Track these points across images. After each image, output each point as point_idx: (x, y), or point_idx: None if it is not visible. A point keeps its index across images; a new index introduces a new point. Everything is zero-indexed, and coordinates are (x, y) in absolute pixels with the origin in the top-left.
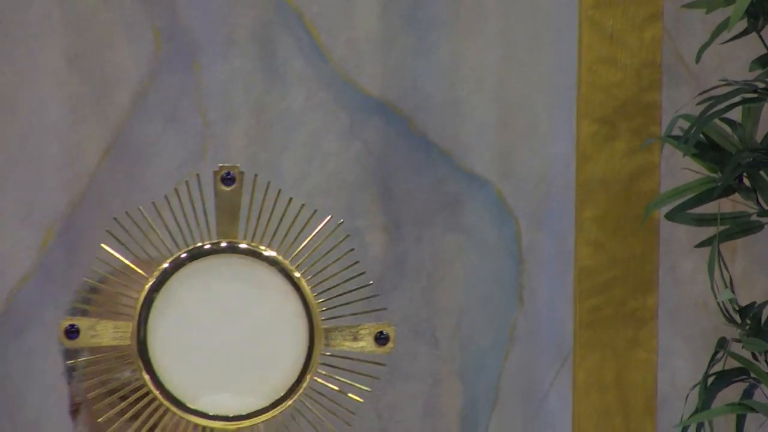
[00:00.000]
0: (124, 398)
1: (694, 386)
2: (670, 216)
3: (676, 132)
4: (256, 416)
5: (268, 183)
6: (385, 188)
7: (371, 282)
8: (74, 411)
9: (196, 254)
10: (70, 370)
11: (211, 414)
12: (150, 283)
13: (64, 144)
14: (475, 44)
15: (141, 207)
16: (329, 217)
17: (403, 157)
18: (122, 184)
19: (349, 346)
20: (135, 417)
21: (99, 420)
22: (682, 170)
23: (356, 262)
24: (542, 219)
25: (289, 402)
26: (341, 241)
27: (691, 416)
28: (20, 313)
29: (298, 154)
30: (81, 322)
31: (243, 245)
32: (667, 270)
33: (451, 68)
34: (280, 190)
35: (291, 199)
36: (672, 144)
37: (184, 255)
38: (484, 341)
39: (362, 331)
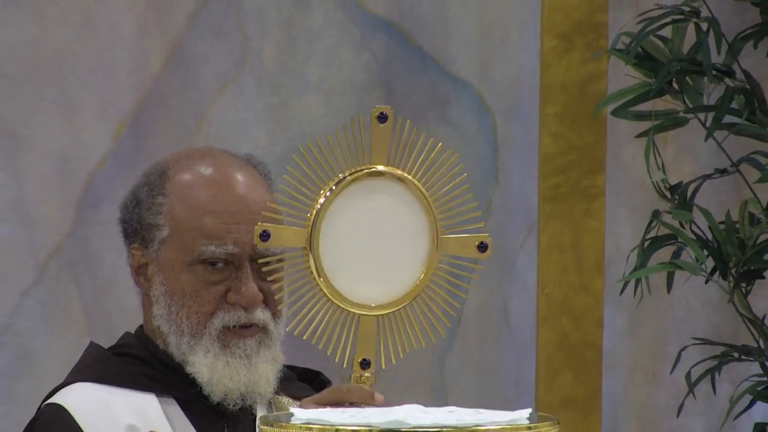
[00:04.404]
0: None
1: (634, 249)
2: (615, 113)
3: (620, 46)
4: (391, 307)
5: (408, 121)
6: (388, 90)
7: (477, 203)
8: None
9: (356, 177)
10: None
11: (357, 302)
12: (321, 198)
13: (132, 54)
14: None
15: (319, 138)
16: (455, 155)
17: (403, 65)
18: (179, 87)
19: (457, 251)
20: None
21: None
22: (625, 76)
23: (467, 187)
24: (513, 114)
25: (414, 295)
26: (457, 168)
27: (631, 273)
28: (97, 190)
29: (319, 62)
30: (272, 229)
31: (389, 170)
32: (612, 155)
33: None
34: (416, 128)
35: (423, 135)
36: (616, 55)
37: (347, 176)
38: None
39: (468, 241)
